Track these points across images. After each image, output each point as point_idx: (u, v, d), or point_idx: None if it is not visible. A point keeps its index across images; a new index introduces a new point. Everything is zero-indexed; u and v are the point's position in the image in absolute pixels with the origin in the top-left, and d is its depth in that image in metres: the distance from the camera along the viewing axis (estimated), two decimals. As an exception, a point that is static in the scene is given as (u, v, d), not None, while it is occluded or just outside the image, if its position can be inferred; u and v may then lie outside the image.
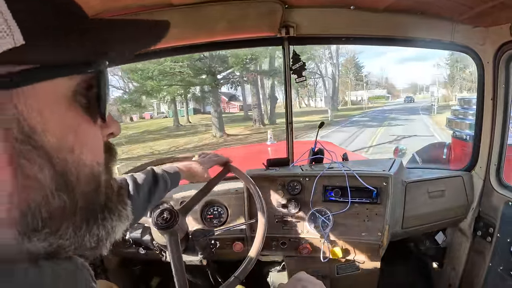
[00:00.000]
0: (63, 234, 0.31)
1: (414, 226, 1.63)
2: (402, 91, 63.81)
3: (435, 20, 1.56)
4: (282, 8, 1.45)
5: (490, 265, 1.62)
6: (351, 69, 51.11)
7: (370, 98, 52.38)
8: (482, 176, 1.68)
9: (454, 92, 49.13)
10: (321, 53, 35.92)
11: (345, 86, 50.24)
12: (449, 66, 52.08)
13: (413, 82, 67.70)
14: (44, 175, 0.29)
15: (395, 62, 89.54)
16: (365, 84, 53.56)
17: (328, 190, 1.50)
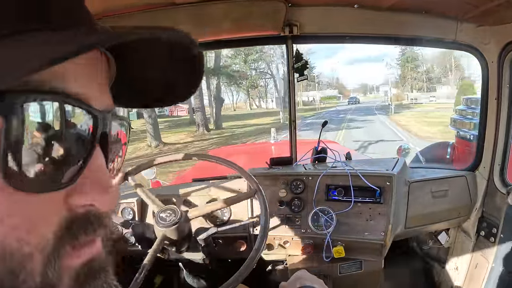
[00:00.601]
0: None
1: (417, 226, 1.62)
2: (352, 91, 64.55)
3: (439, 19, 1.55)
4: (286, 7, 1.45)
5: (493, 266, 1.61)
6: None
7: (322, 98, 52.21)
8: (485, 176, 1.68)
9: (405, 92, 50.15)
10: (272, 52, 35.23)
11: (297, 87, 49.03)
12: (400, 66, 53.02)
13: (364, 82, 68.78)
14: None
15: (346, 62, 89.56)
16: (317, 85, 53.33)
17: (331, 189, 1.49)
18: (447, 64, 49.53)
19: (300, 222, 1.52)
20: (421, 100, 43.59)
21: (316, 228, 1.50)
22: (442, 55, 49.03)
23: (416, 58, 52.80)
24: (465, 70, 49.12)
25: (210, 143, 16.44)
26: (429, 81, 51.37)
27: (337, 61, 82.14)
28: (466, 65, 49.21)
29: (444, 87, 49.33)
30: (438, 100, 42.52)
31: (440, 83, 50.41)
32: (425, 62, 53.99)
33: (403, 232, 1.59)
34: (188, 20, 1.45)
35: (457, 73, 48.57)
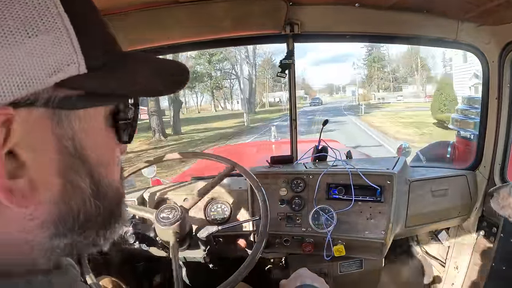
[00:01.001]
0: (87, 235, 0.36)
1: (418, 224, 1.62)
2: (319, 92, 63.69)
3: (440, 18, 1.55)
4: (287, 6, 1.45)
5: (493, 265, 1.62)
6: (268, 70, 48.95)
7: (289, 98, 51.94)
8: (486, 176, 1.68)
9: (372, 91, 49.50)
10: (237, 52, 34.33)
11: (263, 88, 48.11)
12: (367, 66, 52.37)
13: (330, 83, 67.77)
14: (85, 184, 0.34)
15: (313, 63, 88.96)
16: (283, 85, 51.73)
17: (332, 188, 1.49)
18: (413, 64, 49.12)
19: (300, 220, 1.52)
20: (388, 100, 43.09)
21: (317, 227, 1.50)
22: (408, 55, 48.99)
23: (382, 58, 52.14)
24: (431, 70, 49.26)
25: (166, 152, 15.23)
26: (396, 81, 51.12)
27: (305, 62, 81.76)
28: (432, 65, 49.48)
29: (410, 86, 49.26)
30: (406, 99, 42.32)
31: (406, 83, 50.23)
32: (391, 62, 53.67)
33: (404, 231, 1.60)
34: (189, 18, 1.45)
35: (423, 72, 47.95)
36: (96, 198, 0.35)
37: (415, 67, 48.53)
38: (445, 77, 21.87)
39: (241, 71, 33.20)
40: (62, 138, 0.31)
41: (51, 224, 0.32)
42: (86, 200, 0.34)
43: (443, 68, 48.58)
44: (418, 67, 48.04)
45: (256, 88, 43.79)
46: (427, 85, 47.17)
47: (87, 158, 0.34)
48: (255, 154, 3.37)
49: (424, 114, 23.08)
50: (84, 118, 0.33)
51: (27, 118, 0.28)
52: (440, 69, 48.97)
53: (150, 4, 1.39)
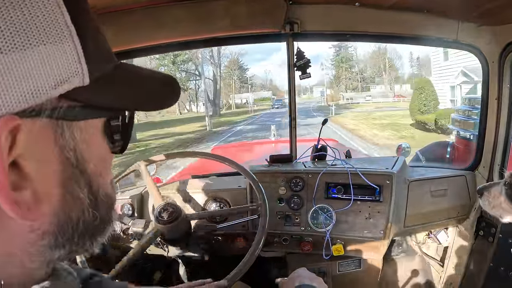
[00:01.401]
0: (83, 244, 0.37)
1: (416, 224, 1.62)
2: (286, 92, 62.71)
3: (440, 18, 1.55)
4: (287, 4, 1.45)
5: (491, 265, 1.62)
6: (235, 70, 48.60)
7: (255, 100, 49.89)
8: (485, 176, 1.67)
9: (340, 92, 49.36)
10: (201, 52, 33.16)
11: (229, 89, 47.87)
12: (335, 67, 52.25)
13: (297, 83, 66.91)
14: (84, 194, 0.35)
15: (280, 64, 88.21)
16: (250, 86, 51.41)
17: (331, 187, 1.49)
18: (381, 64, 49.50)
19: (299, 219, 1.52)
20: (357, 100, 42.93)
21: (316, 226, 1.51)
22: (376, 55, 49.04)
23: (350, 59, 52.76)
24: (398, 70, 49.94)
25: (113, 165, 13.83)
26: (364, 81, 51.24)
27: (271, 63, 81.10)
28: (400, 65, 50.40)
29: (378, 86, 49.45)
30: (374, 99, 42.14)
31: (374, 83, 50.37)
32: (359, 62, 53.86)
33: (402, 230, 1.60)
34: (188, 17, 1.45)
35: (392, 72, 48.64)
36: (94, 208, 0.36)
37: (383, 67, 48.94)
38: (424, 77, 21.16)
39: (203, 72, 32.02)
40: (64, 149, 0.32)
41: (51, 235, 0.32)
42: (85, 210, 0.35)
43: (411, 68, 50.69)
44: (386, 67, 48.44)
45: (222, 90, 42.79)
46: (395, 84, 47.74)
47: (86, 168, 0.34)
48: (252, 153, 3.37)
49: (396, 114, 22.56)
50: (85, 129, 0.33)
51: (31, 129, 0.28)
52: (406, 69, 50.73)
53: (150, 2, 1.39)
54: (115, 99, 0.35)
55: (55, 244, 0.33)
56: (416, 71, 50.41)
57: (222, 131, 20.54)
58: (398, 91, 45.28)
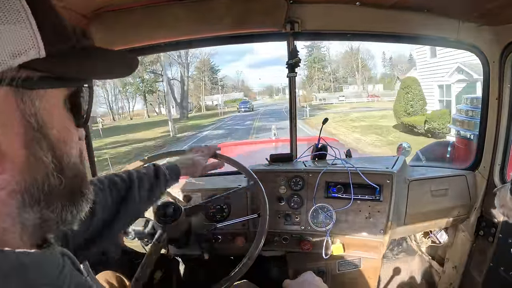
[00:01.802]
0: (53, 209, 0.40)
1: (416, 224, 1.62)
2: (258, 94, 61.95)
3: (441, 18, 1.54)
4: (287, 4, 1.44)
5: (491, 265, 1.61)
6: (205, 71, 47.12)
7: (226, 102, 48.59)
8: (485, 176, 1.67)
9: (313, 92, 48.49)
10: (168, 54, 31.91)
11: (199, 90, 45.97)
12: (307, 67, 51.46)
13: (269, 84, 65.03)
14: (48, 158, 0.38)
15: (252, 65, 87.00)
16: (220, 88, 49.89)
17: (331, 186, 1.49)
18: (353, 65, 49.15)
19: (299, 218, 1.52)
20: (330, 100, 41.94)
21: (316, 225, 1.51)
22: (349, 56, 48.63)
23: (322, 59, 52.15)
24: (371, 70, 49.70)
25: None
26: (336, 81, 50.93)
27: (242, 64, 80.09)
28: (372, 65, 50.12)
29: (351, 86, 48.83)
30: (348, 99, 41.27)
31: (346, 83, 50.02)
32: (331, 62, 53.12)
33: (402, 230, 1.60)
34: (189, 16, 1.45)
35: (365, 72, 48.34)
36: (59, 173, 0.39)
37: (356, 67, 48.56)
38: (410, 75, 18.34)
39: (165, 72, 29.24)
40: (25, 113, 0.35)
41: (18, 194, 0.36)
42: (49, 174, 0.38)
43: (383, 68, 50.44)
44: (359, 67, 48.09)
45: (190, 91, 40.73)
46: (368, 85, 47.38)
47: (49, 134, 0.38)
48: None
49: (374, 115, 21.56)
50: (45, 98, 0.37)
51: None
52: (379, 69, 50.39)
53: (150, 1, 1.39)
54: (70, 71, 0.40)
55: (23, 205, 0.37)
56: (388, 71, 50.42)
57: (187, 137, 18.79)
58: (371, 91, 44.95)
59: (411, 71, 28.32)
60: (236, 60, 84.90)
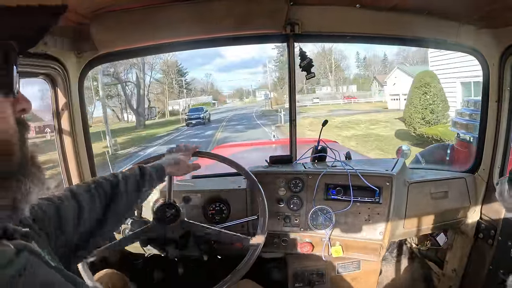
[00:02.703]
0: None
1: (416, 226, 1.61)
2: (228, 97, 59.19)
3: (441, 21, 1.54)
4: (288, 5, 1.44)
5: (491, 268, 1.60)
6: (170, 74, 42.86)
7: (194, 105, 42.94)
8: (485, 179, 1.66)
9: (284, 95, 42.84)
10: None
11: (168, 95, 41.78)
12: (279, 69, 48.13)
13: (239, 87, 61.60)
14: None
15: (221, 68, 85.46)
16: (185, 91, 45.24)
17: (331, 188, 1.49)
18: (326, 65, 46.51)
19: (298, 220, 1.51)
20: (304, 103, 38.03)
21: (315, 227, 1.50)
22: (322, 57, 45.74)
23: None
24: (344, 71, 47.85)
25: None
26: (309, 83, 46.44)
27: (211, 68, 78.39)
28: (346, 66, 48.30)
29: (324, 88, 46.89)
30: (322, 102, 38.54)
31: (319, 84, 47.20)
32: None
33: (402, 232, 1.59)
34: (189, 17, 1.44)
35: (339, 73, 46.78)
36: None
37: (329, 68, 46.68)
38: (428, 70, 13.09)
39: (117, 74, 27.11)
40: None
41: None
42: None
43: (357, 68, 48.94)
44: (332, 68, 46.30)
45: (156, 96, 38.33)
46: (342, 85, 45.81)
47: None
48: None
49: (359, 120, 19.00)
50: None
51: None
52: (353, 70, 48.63)
53: (150, 2, 1.39)
54: None
55: None
56: (362, 71, 49.19)
57: (128, 155, 14.86)
58: (345, 92, 43.58)
59: (395, 70, 27.34)
60: (204, 63, 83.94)
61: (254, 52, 23.68)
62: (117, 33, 1.45)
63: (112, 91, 33.47)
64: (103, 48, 1.49)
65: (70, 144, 1.51)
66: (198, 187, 1.61)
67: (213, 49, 3.44)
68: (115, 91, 33.83)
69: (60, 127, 1.50)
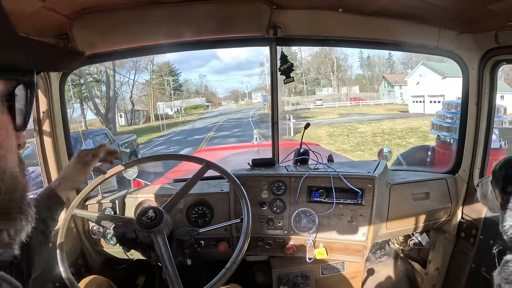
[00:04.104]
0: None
1: (398, 227, 1.60)
2: (223, 99, 56.06)
3: (422, 26, 1.54)
4: (270, 9, 1.42)
5: (473, 266, 1.61)
6: (162, 75, 40.22)
7: (186, 108, 42.11)
8: (465, 179, 1.67)
9: (283, 96, 38.13)
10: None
11: (156, 96, 38.46)
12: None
13: (235, 89, 58.07)
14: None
15: (217, 71, 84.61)
16: (177, 92, 42.71)
17: (313, 190, 1.46)
18: (328, 64, 43.25)
19: (282, 223, 1.49)
20: (307, 105, 34.49)
21: (298, 229, 1.47)
22: (323, 55, 42.75)
23: (294, 58, 41.84)
24: (347, 71, 43.83)
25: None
26: (310, 83, 43.95)
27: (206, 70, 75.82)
28: (348, 66, 43.92)
29: (325, 89, 43.11)
30: (326, 104, 34.41)
31: (319, 85, 43.68)
32: (304, 62, 45.10)
33: (384, 233, 1.57)
34: (172, 19, 1.41)
35: (340, 73, 42.89)
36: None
37: (331, 67, 43.24)
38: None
39: (84, 75, 24.10)
40: None
41: None
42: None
43: (360, 68, 43.82)
44: (334, 67, 42.86)
45: (146, 98, 34.50)
46: (342, 87, 41.39)
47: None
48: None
49: (390, 127, 14.82)
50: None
51: None
52: (357, 69, 43.75)
53: (133, 4, 1.35)
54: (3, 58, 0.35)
55: None
56: (366, 71, 44.49)
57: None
58: (350, 93, 40.05)
59: (419, 67, 23.87)
60: (198, 66, 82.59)
61: (251, 53, 23.54)
62: (98, 34, 1.41)
63: (89, 93, 29.72)
64: (84, 50, 1.44)
65: (51, 146, 1.46)
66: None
67: (209, 50, 3.26)
68: (91, 93, 29.96)
69: (40, 130, 1.45)
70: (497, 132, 3.94)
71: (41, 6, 1.13)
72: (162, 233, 1.28)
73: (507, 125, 4.67)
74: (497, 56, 1.46)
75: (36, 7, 1.12)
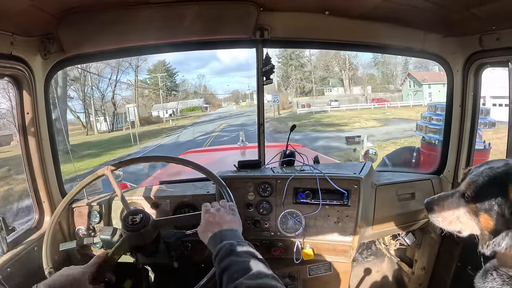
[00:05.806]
0: None
1: (384, 227, 1.58)
2: (224, 101, 49.69)
3: (407, 29, 1.53)
4: (257, 11, 1.39)
5: (459, 265, 1.60)
6: (157, 75, 35.64)
7: (182, 110, 37.73)
8: (450, 180, 1.66)
9: (290, 96, 35.75)
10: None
11: (152, 98, 35.37)
12: (282, 65, 37.33)
13: (235, 89, 50.74)
14: None
15: (217, 72, 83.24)
16: (166, 94, 37.08)
17: (299, 192, 1.43)
18: (340, 61, 36.69)
19: (268, 225, 1.45)
20: (321, 107, 29.01)
21: (285, 231, 1.44)
22: (335, 52, 31.68)
23: (301, 55, 37.05)
24: (358, 69, 36.61)
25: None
26: (320, 82, 37.35)
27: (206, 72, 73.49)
28: (360, 64, 36.52)
29: (334, 89, 36.72)
30: (343, 106, 29.09)
31: (329, 85, 37.13)
32: (312, 58, 37.61)
33: (371, 233, 1.55)
34: (159, 20, 1.37)
35: (351, 72, 36.38)
36: None
37: (342, 65, 36.59)
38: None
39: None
40: None
41: None
42: None
43: (375, 66, 36.86)
44: (346, 64, 36.17)
45: (112, 99, 28.48)
46: (355, 86, 35.54)
47: None
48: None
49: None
50: None
51: None
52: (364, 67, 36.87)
53: (121, 4, 1.30)
54: None
55: None
56: (382, 69, 36.79)
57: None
58: (364, 93, 34.08)
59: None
60: (198, 67, 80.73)
61: (251, 53, 21.39)
62: (85, 34, 1.36)
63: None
64: (71, 49, 1.39)
65: (35, 146, 1.41)
66: (166, 193, 1.53)
67: (209, 51, 3.08)
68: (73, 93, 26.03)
69: (25, 129, 1.40)
70: (481, 133, 3.98)
71: (30, 5, 1.09)
72: (147, 237, 1.24)
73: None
74: (481, 59, 1.45)
75: (24, 6, 1.08)
